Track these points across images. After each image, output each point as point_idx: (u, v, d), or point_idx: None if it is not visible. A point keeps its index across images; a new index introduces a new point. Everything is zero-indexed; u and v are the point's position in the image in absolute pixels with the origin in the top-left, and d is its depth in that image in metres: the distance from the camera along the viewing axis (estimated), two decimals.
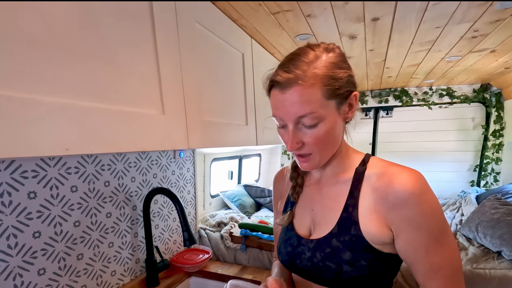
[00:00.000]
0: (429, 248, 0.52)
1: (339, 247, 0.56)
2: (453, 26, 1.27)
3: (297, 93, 0.51)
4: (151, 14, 0.72)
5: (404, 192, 0.51)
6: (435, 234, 0.52)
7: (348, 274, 0.54)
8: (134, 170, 1.15)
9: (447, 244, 0.53)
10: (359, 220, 0.56)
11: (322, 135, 0.54)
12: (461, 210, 2.28)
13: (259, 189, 2.30)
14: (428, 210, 0.51)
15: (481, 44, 1.52)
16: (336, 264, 0.55)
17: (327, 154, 0.59)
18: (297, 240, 0.64)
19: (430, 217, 0.52)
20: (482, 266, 1.41)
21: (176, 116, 0.79)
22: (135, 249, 1.16)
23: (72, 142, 0.52)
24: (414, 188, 0.51)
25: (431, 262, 0.53)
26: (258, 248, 1.43)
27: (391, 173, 0.55)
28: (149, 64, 0.72)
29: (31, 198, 0.80)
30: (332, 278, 0.56)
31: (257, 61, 1.35)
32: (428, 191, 0.52)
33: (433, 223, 0.52)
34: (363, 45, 1.50)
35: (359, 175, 0.59)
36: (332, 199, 0.61)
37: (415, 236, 0.52)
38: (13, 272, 0.76)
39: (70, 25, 0.54)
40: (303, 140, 0.55)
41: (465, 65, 2.00)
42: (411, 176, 0.52)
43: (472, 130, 2.82)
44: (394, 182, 0.53)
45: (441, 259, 0.53)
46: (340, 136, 0.59)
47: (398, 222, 0.53)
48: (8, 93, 0.43)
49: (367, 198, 0.56)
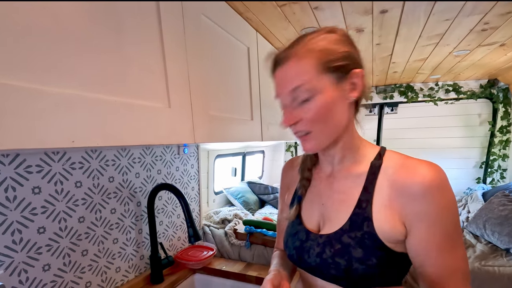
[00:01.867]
0: (442, 248, 0.50)
1: (350, 243, 0.54)
2: (463, 18, 1.24)
3: (289, 67, 0.54)
4: (157, 6, 0.71)
5: (423, 184, 0.49)
6: (450, 233, 0.50)
7: (358, 271, 0.53)
8: (139, 165, 1.14)
9: (460, 245, 0.51)
10: (372, 216, 0.53)
11: (317, 109, 0.53)
12: (467, 207, 2.26)
13: (262, 186, 2.29)
14: (446, 206, 0.49)
15: (491, 37, 1.49)
16: (346, 261, 0.54)
17: (327, 134, 0.56)
18: (305, 234, 0.62)
19: (447, 214, 0.49)
20: (490, 264, 1.40)
21: (182, 109, 0.78)
22: (139, 245, 1.15)
23: (78, 134, 0.50)
24: (435, 181, 0.49)
25: (444, 264, 0.51)
26: (262, 245, 1.41)
27: (411, 164, 0.53)
28: (156, 56, 0.71)
29: (35, 193, 0.79)
30: (341, 275, 0.55)
31: (262, 55, 1.33)
32: (448, 186, 0.50)
33: (449, 220, 0.50)
34: (369, 39, 1.47)
35: (375, 168, 0.56)
36: (344, 194, 0.59)
37: (430, 233, 0.50)
38: (18, 267, 0.75)
39: (78, 17, 0.53)
40: (300, 115, 0.55)
41: (473, 60, 1.97)
42: (431, 168, 0.50)
43: (478, 127, 2.79)
44: (414, 173, 0.51)
45: (455, 261, 0.51)
46: (342, 117, 0.55)
47: (412, 216, 0.51)
48: (17, 83, 0.43)
49: (383, 193, 0.54)
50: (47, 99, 0.46)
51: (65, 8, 0.50)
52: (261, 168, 2.91)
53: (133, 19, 0.64)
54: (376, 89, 2.96)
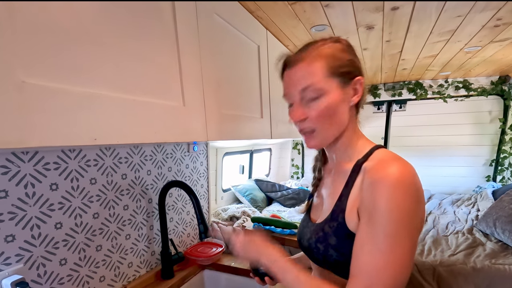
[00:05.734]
0: (364, 246, 0.50)
1: (328, 232, 0.60)
2: (475, 14, 1.22)
3: (300, 69, 0.59)
4: (173, 6, 0.72)
5: (377, 177, 0.51)
6: (389, 233, 0.48)
7: (333, 258, 0.58)
8: (150, 163, 1.15)
9: (398, 253, 0.48)
10: (346, 208, 0.58)
11: (324, 109, 0.58)
12: (476, 206, 2.24)
13: (270, 184, 2.29)
14: (389, 207, 0.48)
15: (503, 33, 1.47)
16: (324, 247, 0.60)
17: (330, 133, 0.61)
18: (307, 222, 0.71)
19: (385, 215, 0.48)
20: (501, 262, 1.38)
21: (196, 108, 0.79)
22: (150, 241, 1.17)
23: (99, 132, 0.52)
24: (389, 178, 0.49)
25: (358, 260, 0.51)
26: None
27: (386, 162, 0.53)
28: (171, 55, 0.72)
29: (53, 189, 0.81)
30: (320, 259, 0.62)
31: (272, 53, 1.33)
32: (406, 189, 0.48)
33: (384, 222, 0.48)
34: (379, 36, 1.46)
35: (357, 166, 0.60)
36: (334, 188, 0.65)
37: (363, 226, 0.51)
38: (36, 262, 0.77)
39: (99, 17, 0.54)
40: (307, 113, 0.60)
41: (484, 56, 1.93)
42: (399, 167, 0.50)
43: (489, 124, 2.74)
44: (381, 169, 0.52)
45: (366, 264, 0.49)
46: (344, 118, 0.61)
47: (361, 206, 0.53)
48: (42, 83, 0.44)
49: (357, 188, 0.57)
50: (71, 98, 0.48)
51: (88, 10, 0.52)
52: (268, 166, 2.92)
53: (150, 19, 0.66)
54: (385, 86, 2.93)
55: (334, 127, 0.60)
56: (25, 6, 0.43)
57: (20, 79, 0.41)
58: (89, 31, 0.52)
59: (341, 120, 0.60)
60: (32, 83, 0.42)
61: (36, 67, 0.44)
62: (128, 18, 0.60)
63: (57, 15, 0.47)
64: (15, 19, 0.41)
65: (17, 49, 0.41)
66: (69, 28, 0.49)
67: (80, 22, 0.50)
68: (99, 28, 0.54)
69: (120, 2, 0.58)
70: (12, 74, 0.40)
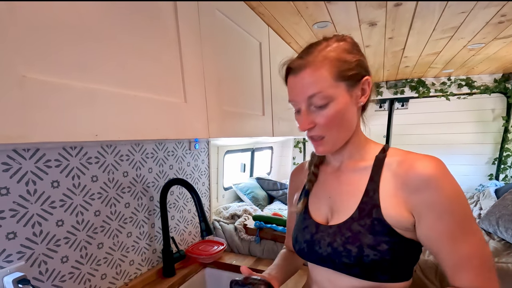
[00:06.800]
0: (455, 236, 0.51)
1: (360, 231, 0.55)
2: (479, 10, 1.20)
3: (307, 75, 0.55)
4: (174, 3, 0.72)
5: (425, 174, 0.51)
6: (461, 220, 0.51)
7: (369, 258, 0.53)
8: (151, 161, 1.15)
9: (473, 232, 0.51)
10: (380, 203, 0.55)
11: (332, 115, 0.56)
12: (479, 204, 2.22)
13: (271, 182, 2.29)
14: (452, 194, 0.51)
15: (507, 30, 1.45)
16: (357, 248, 0.54)
17: (340, 138, 0.60)
18: (315, 227, 0.63)
19: (454, 202, 0.51)
20: (504, 260, 1.37)
21: (198, 104, 0.78)
22: (152, 239, 1.17)
23: (101, 128, 0.51)
24: (436, 171, 0.51)
25: (458, 251, 0.52)
26: (272, 240, 1.42)
27: (412, 158, 0.55)
28: (172, 51, 0.71)
29: (54, 187, 0.80)
30: (352, 263, 0.55)
31: (274, 50, 1.32)
32: (450, 176, 0.52)
33: (457, 208, 0.51)
34: (382, 32, 1.44)
35: (379, 161, 0.59)
36: (352, 186, 0.61)
37: (439, 221, 0.51)
38: (38, 259, 0.77)
39: (101, 15, 0.54)
40: (315, 121, 0.57)
41: (488, 53, 1.92)
42: (431, 160, 0.53)
43: (491, 122, 2.72)
44: (415, 166, 0.53)
45: (469, 248, 0.51)
46: (353, 121, 0.59)
47: (419, 207, 0.53)
48: (43, 78, 0.44)
49: (388, 183, 0.56)
50: (72, 93, 0.47)
51: (89, 7, 0.52)
52: (269, 164, 2.91)
53: (151, 15, 0.65)
54: (387, 84, 2.91)
55: (344, 131, 0.59)
56: (27, 2, 0.42)
57: (21, 74, 0.41)
58: (90, 28, 0.52)
59: (350, 123, 0.59)
60: (34, 78, 0.42)
61: (37, 63, 0.43)
62: (129, 14, 0.60)
63: (59, 11, 0.47)
64: (16, 14, 0.41)
65: (19, 44, 0.41)
66: (70, 24, 0.48)
67: (82, 19, 0.50)
68: (100, 24, 0.53)
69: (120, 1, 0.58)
70: (14, 69, 0.40)
